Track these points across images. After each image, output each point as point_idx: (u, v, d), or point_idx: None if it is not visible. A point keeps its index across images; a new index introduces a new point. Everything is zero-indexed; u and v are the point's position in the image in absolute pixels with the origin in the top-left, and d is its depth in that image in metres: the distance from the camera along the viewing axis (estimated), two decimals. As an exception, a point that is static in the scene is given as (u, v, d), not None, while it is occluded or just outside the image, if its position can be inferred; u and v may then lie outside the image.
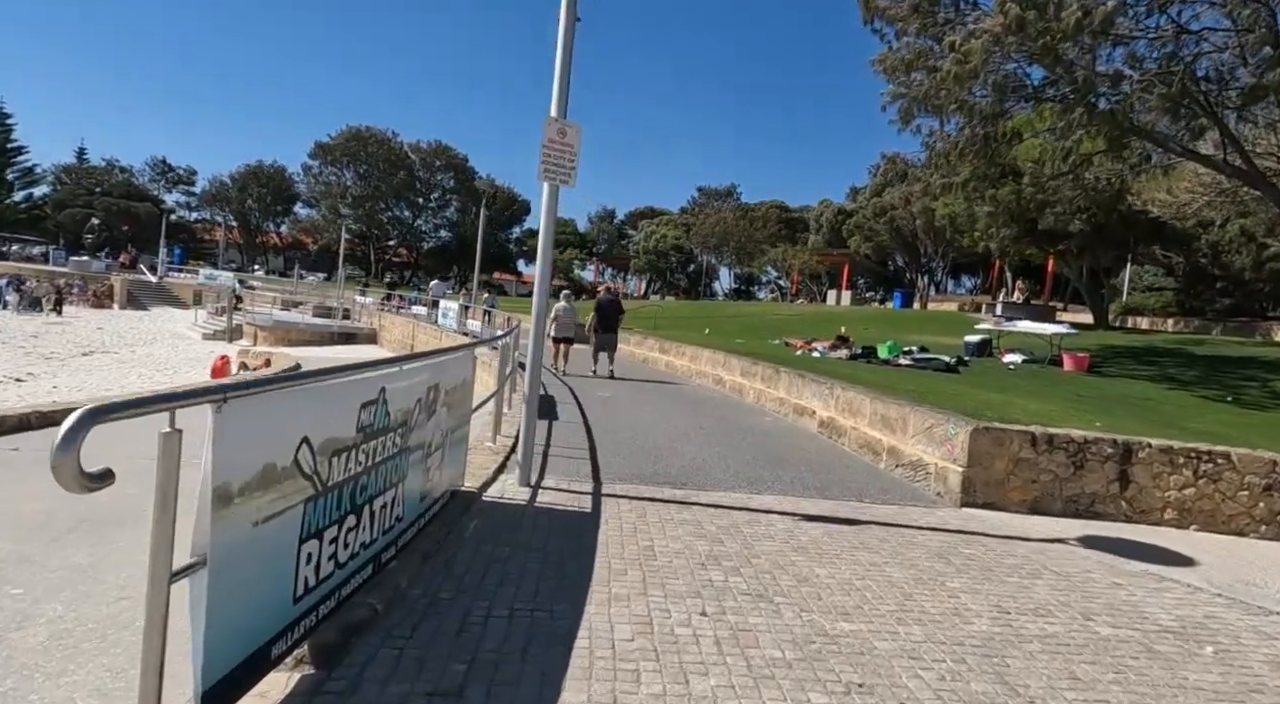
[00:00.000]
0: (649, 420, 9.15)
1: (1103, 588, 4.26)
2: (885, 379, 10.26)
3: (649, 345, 18.55)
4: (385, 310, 33.81)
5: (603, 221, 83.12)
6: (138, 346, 27.94)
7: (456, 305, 23.58)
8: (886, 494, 6.25)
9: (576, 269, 76.82)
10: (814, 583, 3.95)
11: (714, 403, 11.63)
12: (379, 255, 71.18)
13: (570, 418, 8.94)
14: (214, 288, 42.24)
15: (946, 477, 6.19)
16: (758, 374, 11.95)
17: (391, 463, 3.40)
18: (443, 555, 3.84)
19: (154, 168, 71.12)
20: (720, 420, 9.72)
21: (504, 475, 5.71)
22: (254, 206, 71.13)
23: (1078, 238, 21.95)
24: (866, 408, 7.97)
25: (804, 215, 64.47)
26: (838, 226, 54.41)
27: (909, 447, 6.91)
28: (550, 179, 5.32)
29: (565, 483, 5.70)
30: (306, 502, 2.58)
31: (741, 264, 64.27)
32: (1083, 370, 14.50)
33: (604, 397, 11.16)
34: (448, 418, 4.36)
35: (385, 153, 67.41)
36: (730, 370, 13.25)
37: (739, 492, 5.91)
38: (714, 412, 10.53)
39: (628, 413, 9.68)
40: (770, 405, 11.16)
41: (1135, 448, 5.96)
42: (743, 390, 12.50)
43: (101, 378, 20.37)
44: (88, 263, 46.20)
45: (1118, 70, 13.21)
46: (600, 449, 7.13)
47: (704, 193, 75.30)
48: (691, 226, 64.89)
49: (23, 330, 30.58)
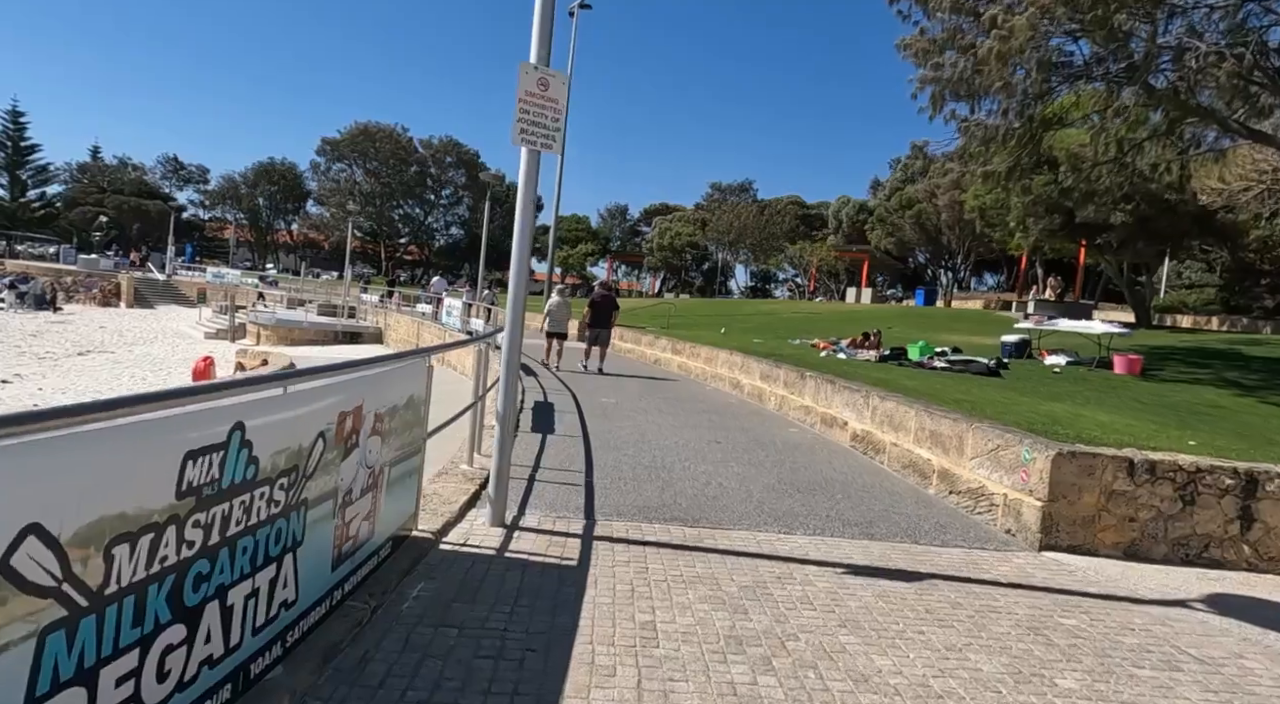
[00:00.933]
0: (658, 432, 8.06)
1: (1271, 689, 3.11)
2: (925, 385, 9.09)
3: (661, 345, 17.44)
4: (385, 309, 32.95)
5: (615, 218, 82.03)
6: (137, 346, 27.24)
7: (460, 303, 22.61)
8: (945, 532, 5.11)
9: (589, 266, 75.71)
10: (876, 684, 2.84)
11: (732, 411, 10.51)
12: (390, 253, 70.53)
13: (569, 429, 7.88)
14: (221, 286, 41.67)
15: (1020, 511, 5.05)
16: (780, 378, 10.81)
17: (268, 529, 2.34)
18: (358, 649, 2.77)
19: (165, 166, 70.95)
20: (739, 432, 8.60)
21: (474, 511, 4.64)
22: (265, 205, 70.74)
23: (1119, 230, 20.58)
24: (911, 421, 6.83)
25: (822, 211, 63.00)
26: (858, 222, 52.94)
27: (967, 471, 5.77)
28: (529, 142, 4.24)
29: (550, 519, 4.62)
30: (45, 631, 1.52)
31: (758, 261, 62.93)
32: (1135, 374, 13.24)
33: (609, 404, 10.08)
34: (385, 448, 3.30)
35: (394, 149, 66.65)
36: (749, 374, 12.12)
37: (765, 530, 4.80)
38: (732, 421, 9.42)
39: (634, 423, 8.59)
40: (794, 414, 10.03)
41: (1261, 478, 4.79)
42: (763, 396, 11.37)
43: (92, 379, 19.59)
44: (96, 261, 45.81)
45: (1181, 42, 11.93)
46: (599, 470, 6.05)
47: (719, 189, 73.98)
48: (707, 223, 63.66)
49: (24, 329, 30.03)
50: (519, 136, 4.20)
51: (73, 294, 41.06)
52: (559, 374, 13.35)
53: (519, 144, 4.23)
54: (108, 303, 41.06)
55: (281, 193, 70.27)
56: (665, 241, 67.70)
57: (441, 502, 4.58)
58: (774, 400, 10.91)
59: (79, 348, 25.64)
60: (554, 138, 4.31)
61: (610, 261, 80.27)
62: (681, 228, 67.01)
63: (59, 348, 25.39)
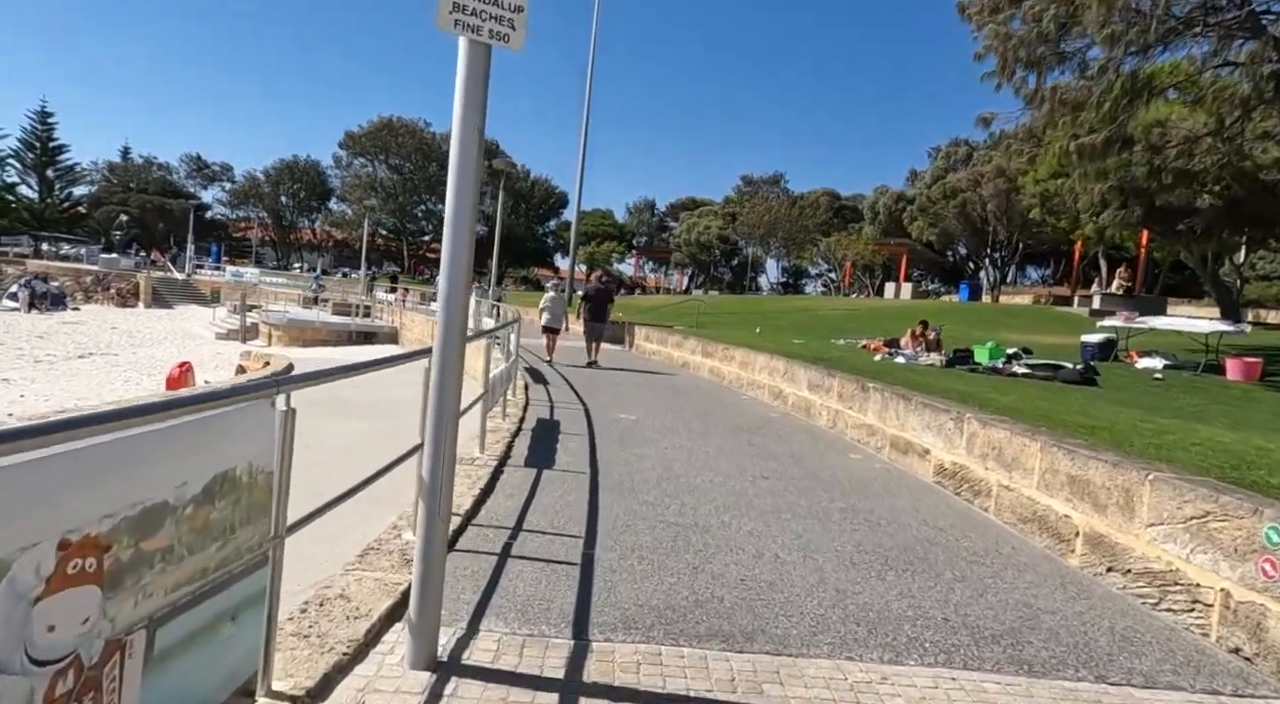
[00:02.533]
0: (688, 464, 6.31)
1: None
2: (1021, 401, 7.22)
3: (690, 347, 15.66)
4: (400, 308, 31.65)
5: (642, 213, 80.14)
6: (143, 348, 26.19)
7: (472, 303, 21.10)
8: (1138, 654, 3.28)
9: (615, 263, 73.98)
10: None
11: (776, 429, 8.71)
12: (413, 250, 69.46)
13: (574, 459, 6.19)
14: (239, 285, 40.79)
15: (1263, 624, 3.21)
16: (833, 389, 8.99)
17: None
18: None
19: (189, 164, 70.70)
20: (790, 461, 6.82)
21: (393, 635, 2.93)
22: (288, 203, 70.11)
23: (1204, 215, 18.29)
24: (1034, 458, 5.00)
25: (856, 203, 60.58)
26: (896, 214, 50.53)
27: (1141, 542, 3.94)
28: (468, 29, 2.52)
29: (516, 644, 2.90)
30: None
31: (791, 256, 60.65)
32: (1254, 380, 11.17)
33: (627, 422, 8.36)
34: (131, 599, 1.61)
35: (416, 143, 65.42)
36: (794, 382, 10.31)
37: (857, 656, 3.03)
38: (779, 445, 7.63)
39: (658, 450, 6.86)
40: (854, 434, 8.21)
41: None
42: (812, 410, 9.56)
43: (84, 383, 18.40)
44: (116, 260, 45.31)
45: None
46: (606, 532, 4.34)
47: (749, 181, 71.72)
48: (737, 216, 61.53)
49: (33, 330, 29.23)
50: (448, 18, 2.48)
51: (91, 294, 40.50)
52: (569, 377, 11.69)
53: (449, 29, 2.50)
54: (125, 303, 40.42)
55: (305, 190, 69.55)
56: (693, 237, 65.72)
57: (344, 616, 2.88)
58: (825, 415, 9.09)
59: (82, 350, 24.61)
60: (512, 24, 2.58)
61: (637, 258, 78.59)
62: (710, 222, 64.97)
63: (62, 350, 24.39)
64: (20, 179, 61.34)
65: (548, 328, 14.58)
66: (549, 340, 14.54)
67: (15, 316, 32.82)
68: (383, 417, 8.10)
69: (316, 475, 3.23)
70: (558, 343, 14.69)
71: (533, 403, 9.20)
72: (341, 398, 9.17)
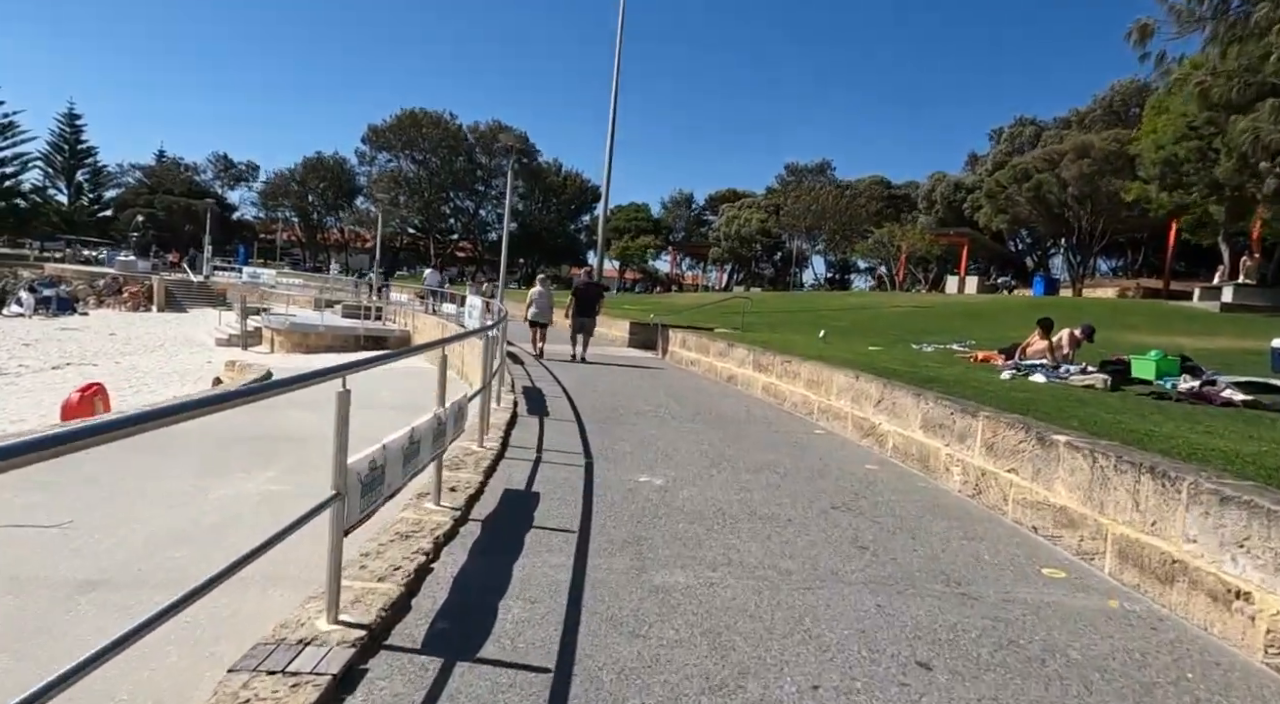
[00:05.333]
0: (761, 623, 3.15)
1: None
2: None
3: (737, 357, 12.41)
4: (413, 310, 29.07)
5: (679, 207, 76.62)
6: (130, 356, 23.94)
7: (480, 302, 18.46)
8: None
9: (651, 259, 70.66)
10: None
11: (889, 505, 5.46)
12: (439, 249, 67.10)
13: (553, 557, 3.08)
14: (255, 287, 38.78)
15: None
16: (974, 435, 5.71)
17: None
18: None
19: (216, 164, 69.57)
20: (955, 601, 3.60)
21: None
22: (316, 202, 68.36)
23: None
24: None
25: (909, 192, 56.35)
26: (955, 202, 46.35)
27: None
28: None
29: None
30: None
31: (840, 249, 56.69)
32: None
33: (653, 490, 5.23)
34: None
35: (442, 136, 62.87)
36: (899, 417, 7.05)
37: None
38: (913, 553, 4.40)
39: (697, 577, 3.71)
40: (1026, 516, 4.93)
41: None
42: (931, 461, 6.31)
43: (33, 400, 15.95)
44: (133, 263, 43.78)
45: None
46: None
47: (794, 170, 67.77)
48: (780, 208, 57.78)
49: (26, 336, 27.32)
50: None
51: (103, 298, 38.89)
52: (576, 400, 8.60)
53: None
54: (138, 306, 38.69)
55: (332, 189, 67.66)
56: (733, 230, 62.08)
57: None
58: (959, 476, 5.82)
59: (64, 359, 22.41)
60: None
61: (673, 254, 75.32)
62: (751, 214, 61.29)
63: (41, 360, 22.22)
64: (50, 182, 60.84)
65: (534, 322, 14.39)
66: (535, 334, 14.35)
67: (16, 322, 31.13)
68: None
69: None
70: (547, 336, 14.40)
71: (507, 459, 6.14)
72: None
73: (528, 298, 15.18)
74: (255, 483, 6.14)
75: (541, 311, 14.60)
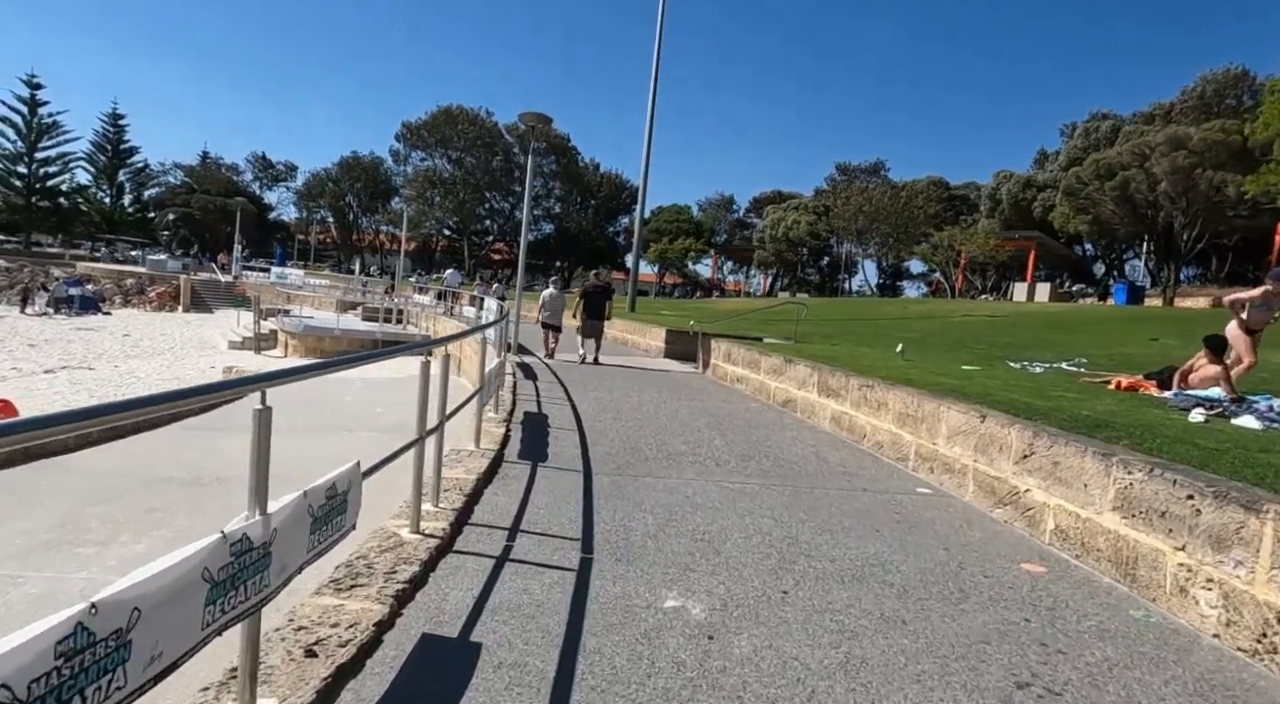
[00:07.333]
0: None
1: None
2: None
3: (797, 377, 9.95)
4: (434, 313, 27.31)
5: (720, 209, 73.87)
6: (133, 360, 22.49)
7: (496, 304, 16.47)
8: None
9: (691, 262, 68.11)
10: None
11: (1134, 695, 3.03)
12: (474, 251, 65.54)
13: None
14: (284, 288, 37.49)
15: None
16: (1259, 544, 3.24)
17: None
18: None
19: (255, 164, 69.34)
20: None
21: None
22: (351, 202, 67.51)
23: None
24: None
25: (969, 192, 52.90)
26: (1022, 202, 42.97)
27: None
28: None
29: None
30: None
31: (894, 253, 53.48)
32: None
33: (690, 625, 2.87)
34: None
35: (478, 133, 61.24)
36: (1073, 488, 4.59)
37: None
38: None
39: None
40: None
41: None
42: (1145, 569, 3.84)
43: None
44: (163, 262, 43.10)
45: None
46: None
47: (845, 170, 64.64)
48: (830, 210, 54.78)
49: (38, 337, 26.25)
50: None
51: (129, 298, 38.09)
52: (592, 447, 6.30)
53: None
54: (164, 306, 37.78)
55: (367, 190, 66.69)
56: (779, 233, 59.26)
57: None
58: (1211, 611, 3.35)
59: (61, 363, 21.03)
60: None
61: (715, 258, 72.78)
62: (799, 217, 58.38)
63: (40, 362, 20.89)
64: (93, 183, 61.15)
65: (547, 325, 14.74)
66: (548, 337, 14.63)
67: (34, 321, 30.26)
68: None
69: None
70: (559, 340, 14.60)
71: (464, 536, 3.89)
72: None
73: (540, 301, 15.52)
74: (110, 559, 4.03)
75: (553, 314, 14.87)
